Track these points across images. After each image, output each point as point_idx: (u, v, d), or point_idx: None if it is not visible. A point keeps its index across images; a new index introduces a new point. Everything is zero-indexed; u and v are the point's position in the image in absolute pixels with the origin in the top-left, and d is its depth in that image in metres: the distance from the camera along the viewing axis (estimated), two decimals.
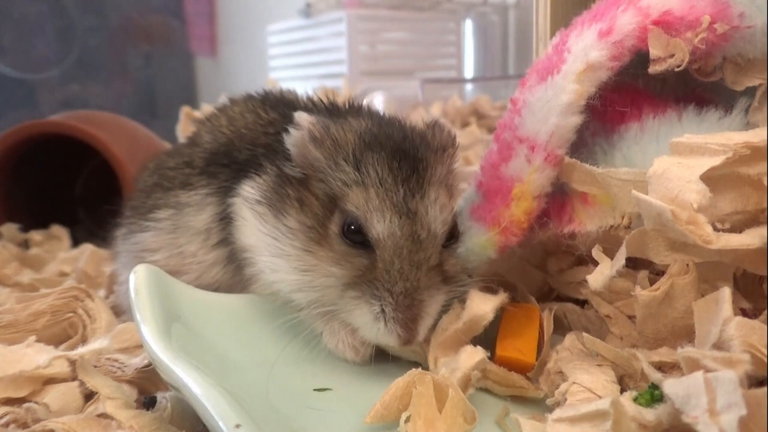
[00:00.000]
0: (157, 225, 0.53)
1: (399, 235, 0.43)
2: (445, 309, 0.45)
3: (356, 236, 0.43)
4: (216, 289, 0.50)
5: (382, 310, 0.42)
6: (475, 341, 0.44)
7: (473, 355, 0.41)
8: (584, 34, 0.43)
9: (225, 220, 0.49)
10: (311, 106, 0.57)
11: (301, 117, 0.46)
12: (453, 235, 0.47)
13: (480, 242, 0.46)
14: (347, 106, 0.57)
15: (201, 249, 0.50)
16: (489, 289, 0.45)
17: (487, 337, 0.44)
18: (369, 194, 0.43)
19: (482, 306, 0.43)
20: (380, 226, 0.43)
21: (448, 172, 0.48)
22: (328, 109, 0.55)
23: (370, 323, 0.43)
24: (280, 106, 0.56)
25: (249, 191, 0.48)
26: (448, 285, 0.45)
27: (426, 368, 0.41)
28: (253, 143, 0.52)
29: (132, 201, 0.61)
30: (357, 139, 0.46)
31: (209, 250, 0.50)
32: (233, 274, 0.50)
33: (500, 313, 0.45)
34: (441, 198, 0.45)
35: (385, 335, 0.42)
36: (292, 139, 0.47)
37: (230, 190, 0.50)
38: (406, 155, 0.46)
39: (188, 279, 0.49)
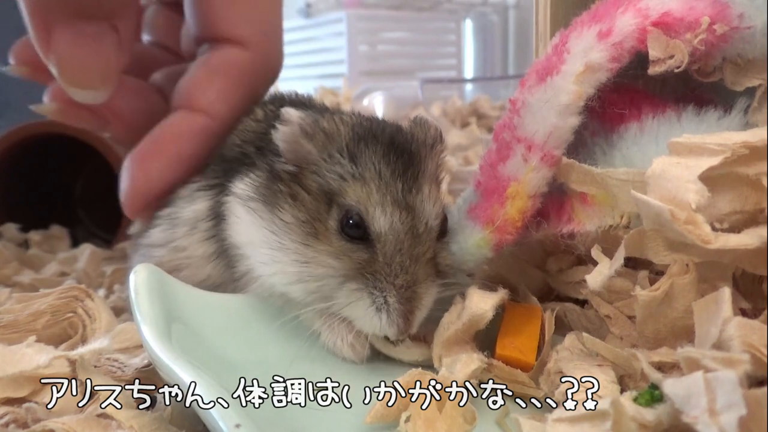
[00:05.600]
0: (161, 221, 0.54)
1: (400, 229, 0.44)
2: (447, 305, 0.45)
3: (355, 230, 0.44)
4: (210, 286, 0.50)
5: (385, 302, 0.43)
6: (478, 338, 0.44)
7: (469, 364, 0.41)
8: (584, 35, 0.43)
9: (215, 217, 0.50)
10: (301, 104, 0.57)
11: (289, 112, 0.47)
12: (443, 230, 0.47)
13: (475, 241, 0.46)
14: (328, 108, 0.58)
15: (192, 243, 0.51)
16: (489, 287, 0.45)
17: (489, 335, 0.44)
18: (369, 188, 0.44)
19: (481, 304, 0.43)
20: (382, 220, 0.43)
21: (438, 168, 0.50)
22: (317, 108, 0.56)
23: (371, 314, 0.43)
24: (275, 105, 0.57)
25: (241, 188, 0.48)
26: (441, 278, 0.46)
27: (424, 368, 0.41)
28: (243, 141, 0.53)
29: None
30: (350, 132, 0.47)
31: (199, 244, 0.51)
32: (224, 270, 0.50)
33: (502, 312, 0.46)
34: (433, 192, 0.47)
35: (386, 326, 0.43)
36: (281, 134, 0.47)
37: (220, 188, 0.50)
38: (400, 149, 0.46)
39: (185, 275, 0.50)
